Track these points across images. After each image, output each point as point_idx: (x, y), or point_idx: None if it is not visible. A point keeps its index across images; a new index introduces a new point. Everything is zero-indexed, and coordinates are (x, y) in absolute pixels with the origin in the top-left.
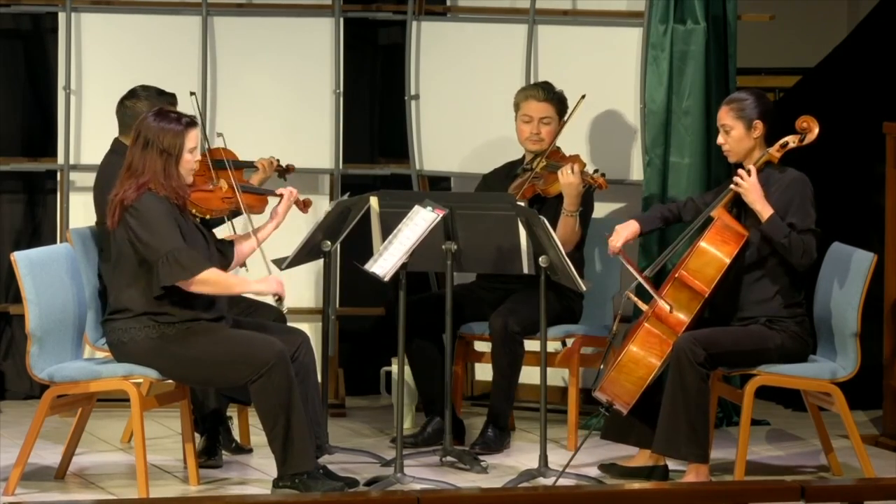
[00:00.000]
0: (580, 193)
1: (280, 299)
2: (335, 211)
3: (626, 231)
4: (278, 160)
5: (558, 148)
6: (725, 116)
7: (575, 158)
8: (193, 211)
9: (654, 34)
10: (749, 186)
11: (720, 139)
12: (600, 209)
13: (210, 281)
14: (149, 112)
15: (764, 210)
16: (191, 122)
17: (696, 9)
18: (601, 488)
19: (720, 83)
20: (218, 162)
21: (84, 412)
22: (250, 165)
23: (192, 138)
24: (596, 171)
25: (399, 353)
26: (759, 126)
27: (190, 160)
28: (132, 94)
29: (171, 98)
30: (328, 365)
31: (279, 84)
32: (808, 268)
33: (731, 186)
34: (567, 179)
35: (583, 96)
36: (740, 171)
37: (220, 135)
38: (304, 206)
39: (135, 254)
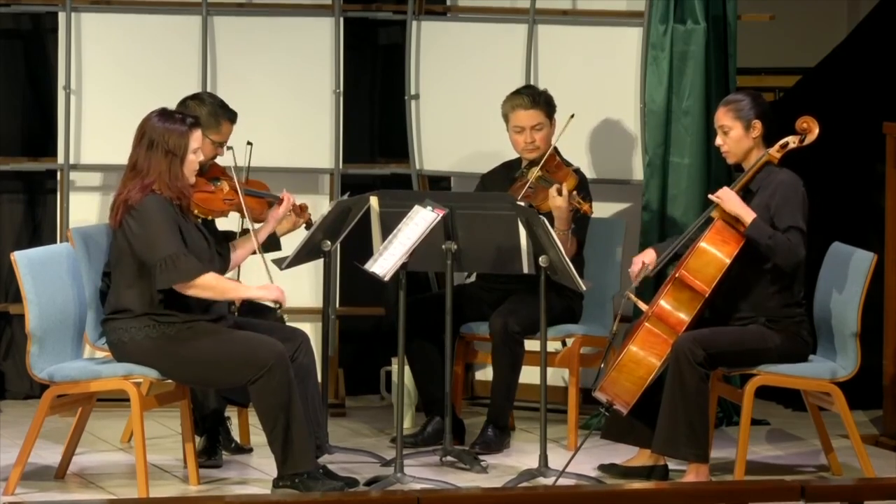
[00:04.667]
0: (569, 217)
1: (280, 305)
2: (335, 211)
3: (642, 258)
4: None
5: (556, 151)
6: (723, 118)
7: (567, 174)
8: (195, 211)
9: (654, 34)
10: (726, 197)
11: (718, 140)
12: (601, 209)
13: (208, 286)
14: (152, 112)
15: (746, 215)
16: (194, 123)
17: (696, 9)
18: (601, 488)
19: (720, 83)
20: (245, 191)
21: (84, 412)
22: (274, 198)
23: (196, 139)
24: (584, 196)
25: (399, 354)
26: (757, 126)
27: (193, 160)
28: (197, 97)
29: (232, 115)
30: (328, 365)
31: (279, 84)
32: (795, 267)
33: (711, 196)
34: (555, 203)
35: (571, 116)
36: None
37: (249, 144)
38: (302, 210)
39: (133, 255)
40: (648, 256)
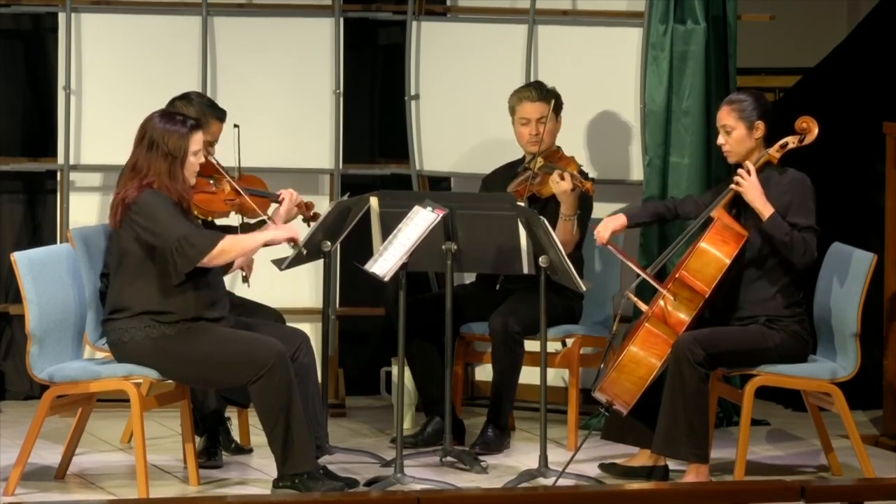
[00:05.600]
0: (575, 201)
1: (296, 243)
2: (335, 211)
3: (613, 223)
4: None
5: (558, 148)
6: (727, 117)
7: (570, 161)
8: (195, 212)
9: (654, 34)
10: (749, 185)
11: (720, 140)
12: (601, 209)
13: (227, 250)
14: (155, 112)
15: (764, 209)
16: (196, 125)
17: (696, 9)
18: (601, 488)
19: (720, 83)
20: (245, 190)
21: (84, 412)
22: (275, 196)
23: (197, 141)
24: (585, 175)
25: (399, 354)
26: (760, 127)
27: (194, 163)
28: (185, 97)
29: (221, 113)
30: (328, 365)
31: (279, 84)
32: (809, 266)
33: (732, 186)
34: (560, 188)
35: None
36: (740, 170)
37: (236, 126)
38: (307, 209)
39: (141, 250)
40: (618, 221)
